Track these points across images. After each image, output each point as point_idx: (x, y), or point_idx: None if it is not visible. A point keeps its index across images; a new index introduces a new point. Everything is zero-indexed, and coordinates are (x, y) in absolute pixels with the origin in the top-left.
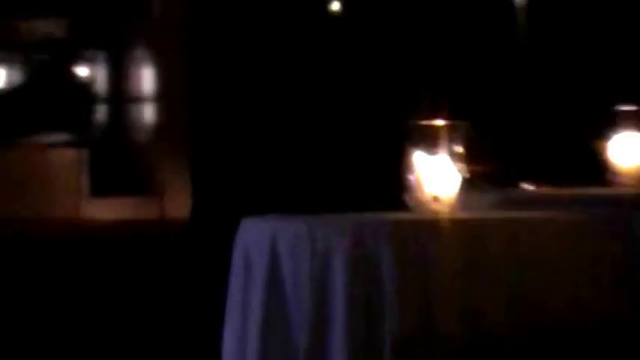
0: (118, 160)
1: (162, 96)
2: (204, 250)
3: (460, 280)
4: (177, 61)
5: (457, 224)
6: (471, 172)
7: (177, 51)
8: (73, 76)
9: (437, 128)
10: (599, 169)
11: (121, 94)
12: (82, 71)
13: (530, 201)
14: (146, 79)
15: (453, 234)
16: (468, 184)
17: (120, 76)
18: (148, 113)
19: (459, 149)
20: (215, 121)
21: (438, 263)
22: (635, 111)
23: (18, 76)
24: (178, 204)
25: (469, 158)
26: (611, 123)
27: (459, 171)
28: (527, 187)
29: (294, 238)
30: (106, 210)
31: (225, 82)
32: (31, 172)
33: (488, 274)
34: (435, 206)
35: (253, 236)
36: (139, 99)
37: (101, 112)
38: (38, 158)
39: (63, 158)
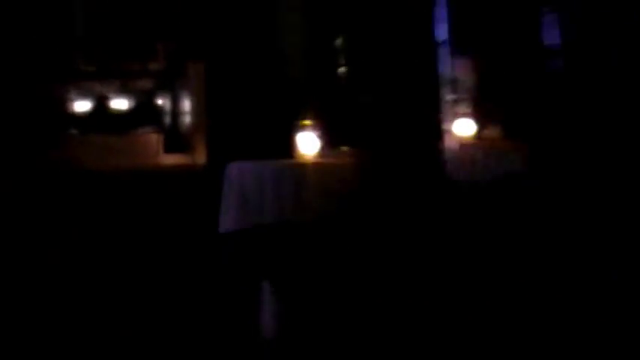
0: (175, 138)
1: (194, 111)
2: (213, 179)
3: (308, 187)
4: (201, 95)
5: (312, 165)
6: (322, 142)
7: (200, 90)
8: (155, 103)
9: (306, 123)
10: None
11: (176, 110)
12: (159, 101)
13: (346, 155)
14: (186, 103)
15: (310, 169)
16: (321, 148)
17: (175, 102)
18: (187, 119)
19: (317, 132)
20: (220, 123)
21: (301, 182)
22: None
23: (130, 104)
24: (201, 157)
25: (322, 135)
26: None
27: (317, 141)
28: (345, 148)
29: (248, 172)
30: (169, 160)
31: (224, 106)
32: (138, 146)
33: (325, 186)
34: (305, 157)
35: (232, 172)
36: (183, 113)
37: (167, 119)
38: (141, 139)
39: (152, 138)
